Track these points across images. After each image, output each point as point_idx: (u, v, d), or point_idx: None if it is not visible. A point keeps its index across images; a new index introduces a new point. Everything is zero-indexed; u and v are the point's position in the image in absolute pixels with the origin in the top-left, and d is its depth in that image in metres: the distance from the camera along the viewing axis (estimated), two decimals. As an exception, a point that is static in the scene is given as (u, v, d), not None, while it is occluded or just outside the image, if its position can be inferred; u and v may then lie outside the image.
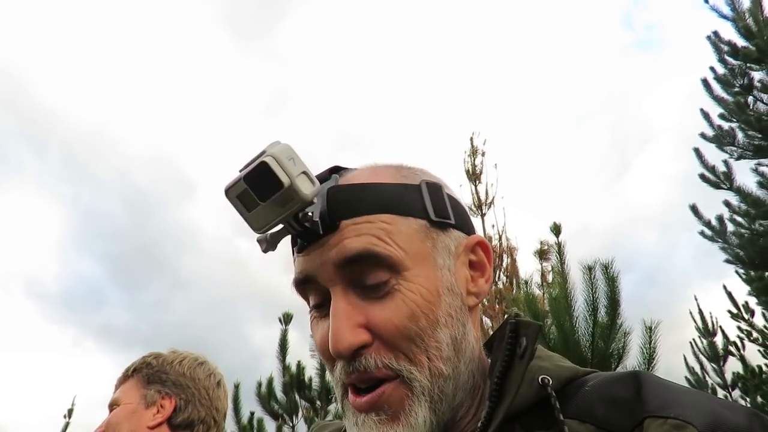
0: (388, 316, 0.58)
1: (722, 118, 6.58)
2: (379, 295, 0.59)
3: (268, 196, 0.57)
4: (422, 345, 0.58)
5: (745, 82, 6.41)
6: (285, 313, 6.92)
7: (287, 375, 6.72)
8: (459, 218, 0.66)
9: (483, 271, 0.67)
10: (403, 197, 0.62)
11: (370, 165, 0.68)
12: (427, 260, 0.61)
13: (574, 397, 0.59)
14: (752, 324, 8.03)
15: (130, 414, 1.52)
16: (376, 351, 0.58)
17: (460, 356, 0.61)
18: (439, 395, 0.58)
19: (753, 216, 6.00)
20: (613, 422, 0.54)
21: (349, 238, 0.58)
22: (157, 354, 1.63)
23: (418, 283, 0.59)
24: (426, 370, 0.58)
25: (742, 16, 6.41)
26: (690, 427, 0.49)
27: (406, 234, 0.60)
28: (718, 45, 6.60)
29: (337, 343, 0.57)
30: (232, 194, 0.60)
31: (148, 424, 1.51)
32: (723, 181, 6.28)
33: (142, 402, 1.54)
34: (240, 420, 6.58)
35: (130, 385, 1.58)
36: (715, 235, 6.27)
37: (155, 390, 1.55)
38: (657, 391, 0.54)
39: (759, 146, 6.31)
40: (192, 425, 1.55)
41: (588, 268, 3.69)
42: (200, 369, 1.62)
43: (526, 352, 0.60)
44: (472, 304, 0.65)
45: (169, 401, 1.54)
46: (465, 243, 0.66)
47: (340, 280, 0.59)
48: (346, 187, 0.61)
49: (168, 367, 1.59)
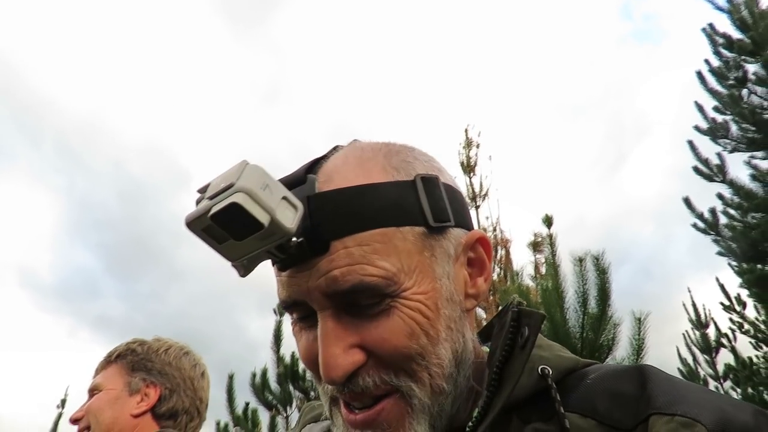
0: (385, 336, 0.54)
1: (716, 111, 6.58)
2: (373, 312, 0.54)
3: (244, 236, 0.49)
4: (423, 363, 0.55)
5: (740, 74, 6.41)
6: (279, 304, 6.93)
7: (281, 366, 6.73)
8: (458, 215, 0.60)
9: (482, 269, 0.63)
10: (398, 203, 0.55)
11: (354, 148, 0.61)
12: (425, 273, 0.56)
13: (575, 389, 0.57)
14: (744, 316, 8.09)
15: (113, 401, 1.49)
16: (374, 368, 0.54)
17: (460, 369, 0.58)
18: (438, 412, 0.56)
19: (745, 208, 6.02)
20: (616, 418, 0.52)
21: (339, 267, 0.52)
22: (142, 341, 1.61)
23: (416, 299, 0.55)
24: (428, 387, 0.55)
25: (738, 8, 6.40)
26: (699, 425, 0.47)
27: (402, 250, 0.55)
28: (713, 37, 6.59)
29: (330, 371, 0.53)
30: (195, 227, 0.51)
31: (132, 412, 1.48)
32: (716, 174, 6.30)
33: (126, 389, 1.51)
34: (234, 410, 6.60)
35: (113, 370, 1.55)
36: (707, 228, 6.29)
37: (140, 378, 1.53)
38: (663, 387, 0.52)
39: (752, 139, 6.32)
40: (176, 415, 1.53)
41: (579, 260, 3.71)
42: (186, 359, 1.60)
43: (528, 342, 0.57)
44: (470, 306, 0.61)
45: (154, 390, 1.52)
46: (465, 241, 0.61)
47: (330, 306, 0.55)
48: (331, 196, 0.54)
49: (153, 355, 1.57)
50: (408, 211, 0.56)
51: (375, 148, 0.61)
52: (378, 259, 0.53)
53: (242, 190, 0.48)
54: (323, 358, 0.53)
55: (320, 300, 0.54)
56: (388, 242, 0.54)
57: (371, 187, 0.55)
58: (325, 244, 0.53)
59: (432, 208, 0.57)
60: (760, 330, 7.82)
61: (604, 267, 3.69)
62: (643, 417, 0.50)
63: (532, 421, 0.55)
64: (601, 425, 0.52)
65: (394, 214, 0.55)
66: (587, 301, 3.69)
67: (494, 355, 0.59)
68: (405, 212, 0.56)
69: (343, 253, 0.53)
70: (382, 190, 0.55)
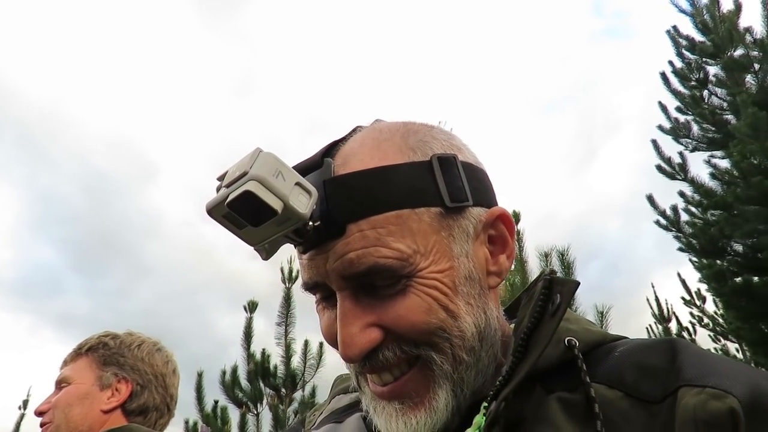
0: (402, 314, 0.55)
1: (679, 111, 6.78)
2: (390, 293, 0.55)
3: (260, 222, 0.51)
4: (444, 335, 0.55)
5: (701, 76, 6.62)
6: (250, 301, 6.87)
7: (252, 363, 6.68)
8: (477, 193, 0.60)
9: (504, 246, 0.63)
10: (414, 185, 0.56)
11: (373, 130, 0.62)
12: (442, 252, 0.56)
13: (603, 361, 0.56)
14: (703, 310, 8.37)
15: (83, 396, 1.45)
16: (393, 342, 0.56)
17: (483, 344, 0.58)
18: (460, 381, 0.56)
19: (705, 206, 6.22)
20: (644, 390, 0.51)
21: (355, 250, 0.54)
22: (114, 335, 1.57)
23: (433, 278, 0.55)
24: (449, 356, 0.56)
25: (700, 11, 6.59)
26: (730, 397, 0.46)
27: (417, 231, 0.55)
28: (676, 39, 6.78)
29: (347, 350, 0.54)
30: (216, 214, 0.53)
31: (102, 408, 1.45)
32: (678, 172, 6.49)
33: (97, 384, 1.47)
34: (203, 408, 6.52)
35: (83, 363, 1.50)
36: (669, 225, 6.48)
37: (111, 372, 1.49)
38: (693, 360, 0.51)
39: (712, 139, 6.53)
40: (146, 411, 1.50)
41: (545, 255, 3.79)
42: (158, 355, 1.57)
43: (559, 310, 0.56)
44: (492, 284, 0.61)
45: (125, 385, 1.48)
46: (485, 219, 0.61)
47: (348, 286, 0.56)
48: (346, 179, 0.55)
49: (126, 350, 1.53)
50: (424, 192, 0.56)
51: (393, 129, 0.61)
52: (393, 242, 0.54)
53: (255, 178, 0.49)
54: (341, 337, 0.55)
55: (338, 281, 0.56)
56: (403, 224, 0.55)
57: (386, 170, 0.56)
58: (341, 227, 0.54)
59: (449, 189, 0.57)
60: (719, 324, 8.10)
61: (570, 262, 3.78)
62: (672, 389, 0.49)
63: (557, 391, 0.55)
64: (629, 397, 0.51)
65: (409, 196, 0.55)
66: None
67: (522, 322, 0.59)
68: (420, 193, 0.56)
69: (358, 236, 0.54)
70: (398, 172, 0.56)
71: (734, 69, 6.19)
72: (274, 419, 6.42)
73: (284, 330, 6.65)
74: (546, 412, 0.54)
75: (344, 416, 0.72)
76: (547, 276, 0.61)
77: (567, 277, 0.61)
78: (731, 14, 6.31)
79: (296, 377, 6.64)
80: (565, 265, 3.80)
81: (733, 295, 5.92)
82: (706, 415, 0.46)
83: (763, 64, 6.08)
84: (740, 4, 6.31)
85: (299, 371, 6.64)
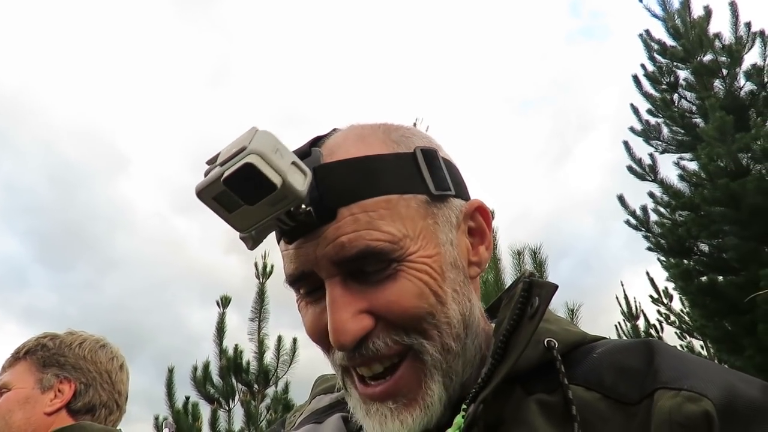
0: (394, 299, 0.55)
1: (650, 114, 6.94)
2: (380, 278, 0.55)
3: (257, 199, 0.50)
4: (433, 321, 0.56)
5: (672, 79, 6.77)
6: (223, 296, 6.80)
7: (224, 359, 6.62)
8: (457, 185, 0.62)
9: (483, 237, 0.64)
10: (400, 172, 0.57)
11: (353, 128, 0.63)
12: (429, 238, 0.57)
13: (581, 363, 0.57)
14: (670, 308, 8.59)
15: (23, 401, 1.42)
16: (384, 331, 0.55)
17: (468, 332, 0.59)
18: (449, 370, 0.57)
19: (673, 207, 6.38)
20: (622, 392, 0.51)
21: (346, 233, 0.54)
22: (54, 335, 1.54)
23: (423, 262, 0.56)
24: (438, 344, 0.56)
25: (672, 16, 6.75)
26: (705, 399, 0.47)
27: (406, 216, 0.56)
28: (648, 43, 6.92)
29: (340, 336, 0.54)
30: (206, 195, 0.51)
31: (45, 410, 1.42)
32: (648, 173, 6.63)
33: (38, 387, 1.44)
34: (174, 404, 6.43)
35: (22, 367, 1.47)
36: (639, 224, 6.63)
37: (52, 374, 1.45)
38: (670, 362, 0.52)
39: (681, 141, 6.70)
40: (93, 409, 1.48)
41: (518, 253, 3.84)
42: (102, 352, 1.54)
43: (537, 313, 0.57)
44: (474, 274, 0.62)
45: (68, 385, 1.45)
46: (464, 210, 0.62)
47: (338, 272, 0.55)
48: (336, 166, 0.56)
49: (66, 349, 1.50)
50: (409, 179, 0.57)
51: (374, 126, 0.63)
52: (384, 225, 0.54)
53: (255, 152, 0.49)
54: (332, 324, 0.54)
55: (328, 268, 0.55)
56: (393, 208, 0.55)
57: (373, 158, 0.57)
58: (332, 211, 0.54)
59: (433, 178, 0.59)
60: (685, 321, 8.33)
61: (542, 260, 3.84)
62: (649, 391, 0.50)
63: (536, 392, 0.55)
64: (606, 398, 0.52)
65: (397, 182, 0.56)
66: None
67: (501, 324, 0.59)
68: (407, 181, 0.57)
69: (349, 219, 0.54)
70: (384, 161, 0.57)
71: (703, 74, 6.35)
72: (246, 415, 6.37)
73: (257, 325, 6.60)
74: (525, 414, 0.54)
75: (324, 417, 0.72)
76: (527, 279, 0.61)
77: (547, 280, 0.61)
78: (701, 20, 6.47)
79: (269, 373, 6.60)
80: (537, 263, 3.86)
81: (699, 293, 6.09)
82: (681, 418, 0.47)
83: (731, 69, 6.26)
84: (710, 11, 6.48)
85: (272, 367, 6.60)
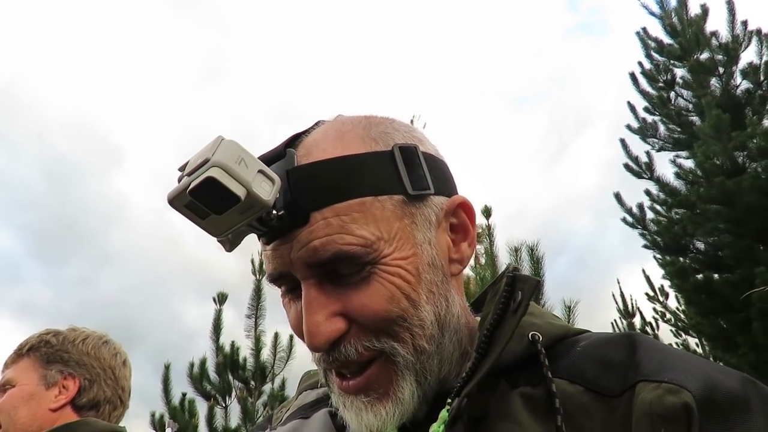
0: (366, 302, 0.55)
1: (647, 111, 6.95)
2: (355, 280, 0.56)
3: (223, 209, 0.51)
4: (405, 324, 0.56)
5: (669, 77, 6.79)
6: (219, 293, 6.78)
7: (221, 355, 6.61)
8: (438, 182, 0.61)
9: (465, 234, 0.64)
10: (376, 172, 0.57)
11: (334, 123, 0.62)
12: (405, 239, 0.57)
13: (565, 356, 0.57)
14: (666, 306, 8.63)
15: (28, 397, 1.42)
16: (355, 336, 0.56)
17: (444, 331, 0.59)
18: (422, 370, 0.57)
19: (670, 204, 6.40)
20: (604, 384, 0.52)
21: (319, 237, 0.54)
22: (57, 331, 1.54)
23: (396, 265, 0.56)
24: (410, 346, 0.56)
25: (669, 14, 6.76)
26: (684, 391, 0.48)
27: (381, 218, 0.56)
28: (645, 41, 6.93)
29: (313, 338, 0.55)
30: (178, 204, 0.52)
31: (50, 407, 1.42)
32: (645, 171, 6.65)
33: (42, 383, 1.44)
34: (170, 401, 6.42)
35: (25, 364, 1.48)
36: (635, 222, 6.65)
37: (56, 370, 1.46)
38: (651, 355, 0.53)
39: (678, 139, 6.72)
40: (98, 405, 1.48)
41: (515, 250, 3.84)
42: (105, 348, 1.54)
43: (520, 307, 0.57)
44: (455, 272, 0.62)
45: (72, 382, 1.46)
46: (446, 207, 0.62)
47: (313, 275, 0.56)
48: (309, 168, 0.56)
49: (70, 345, 1.50)
50: (386, 180, 0.57)
51: (355, 121, 0.62)
52: (356, 228, 0.54)
53: (217, 165, 0.49)
54: (306, 326, 0.55)
55: (303, 270, 0.56)
56: (367, 211, 0.55)
57: (349, 159, 0.56)
58: (305, 215, 0.54)
59: (410, 177, 0.58)
60: (680, 319, 8.37)
61: (539, 257, 3.85)
62: (631, 383, 0.51)
63: (520, 386, 0.56)
64: (589, 391, 0.53)
65: (372, 184, 0.56)
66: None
67: (485, 319, 0.59)
68: (383, 181, 0.57)
69: (322, 223, 0.54)
70: (360, 161, 0.56)
71: (700, 72, 6.37)
72: (242, 412, 6.37)
73: (254, 322, 6.59)
74: (508, 408, 0.55)
75: (311, 412, 0.72)
76: (510, 273, 0.61)
77: (529, 275, 0.62)
78: (698, 18, 6.48)
79: (266, 370, 6.59)
80: (534, 261, 3.86)
81: (694, 291, 6.12)
82: (662, 410, 0.48)
83: (727, 67, 6.28)
84: (707, 9, 6.50)
85: (269, 364, 6.60)
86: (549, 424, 0.52)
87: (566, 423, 0.51)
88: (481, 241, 6.55)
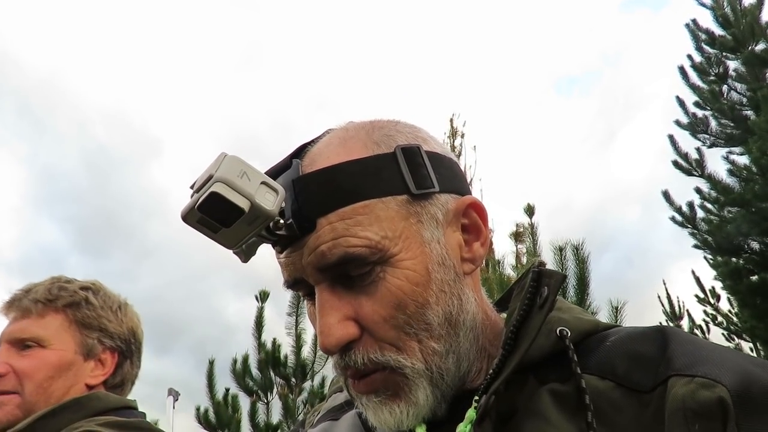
0: (375, 308, 0.56)
1: (697, 106, 6.68)
2: (365, 283, 0.57)
3: (230, 222, 0.54)
4: (411, 331, 0.56)
5: (721, 70, 6.50)
6: (261, 291, 6.90)
7: (262, 352, 6.73)
8: (445, 180, 0.61)
9: (478, 233, 0.63)
10: (379, 174, 0.58)
11: (339, 131, 0.64)
12: (412, 239, 0.58)
13: (595, 351, 0.57)
14: (717, 308, 8.27)
15: (67, 366, 1.15)
16: (365, 345, 0.57)
17: (457, 330, 0.59)
18: (438, 372, 0.57)
19: (722, 203, 6.14)
20: (635, 380, 0.52)
21: (325, 242, 0.55)
22: (96, 287, 1.27)
23: (404, 266, 0.57)
24: (417, 353, 0.57)
25: (721, 5, 6.47)
26: (719, 386, 0.46)
27: (385, 219, 0.57)
28: (695, 33, 6.67)
29: (325, 340, 0.56)
30: (191, 220, 0.55)
31: (88, 382, 1.18)
32: (695, 168, 6.40)
33: (81, 352, 1.18)
34: (214, 396, 6.59)
35: (57, 321, 1.18)
36: (685, 221, 6.41)
37: (97, 339, 1.21)
38: (684, 349, 0.52)
39: (731, 135, 6.43)
40: (123, 385, 1.27)
41: (559, 249, 3.76)
42: (137, 319, 1.33)
43: (546, 302, 0.57)
44: (467, 270, 0.62)
45: (111, 357, 1.22)
46: (455, 207, 0.62)
47: (324, 279, 0.58)
48: (313, 177, 0.57)
49: (111, 313, 1.25)
50: (389, 181, 0.58)
51: (359, 127, 0.63)
52: (361, 230, 0.55)
53: (219, 180, 0.52)
54: (319, 328, 0.57)
55: (314, 275, 0.57)
56: (371, 213, 0.56)
57: (351, 164, 0.57)
58: (311, 222, 0.56)
59: (413, 176, 0.59)
60: (733, 322, 8.01)
61: (584, 257, 3.75)
62: (662, 378, 0.50)
63: (549, 382, 0.56)
64: (620, 387, 0.52)
65: (375, 186, 0.57)
66: (566, 289, 3.74)
67: (512, 315, 0.60)
68: (386, 183, 0.58)
69: (328, 228, 0.56)
70: (363, 165, 0.58)
71: (755, 64, 6.08)
72: (284, 408, 6.47)
73: (294, 320, 6.68)
74: (537, 404, 0.54)
75: (340, 414, 0.74)
76: (536, 268, 0.61)
77: (554, 270, 0.61)
78: (753, 8, 6.19)
79: (306, 367, 6.68)
80: (580, 260, 3.76)
81: (749, 293, 5.86)
82: (695, 405, 0.47)
83: (785, 59, 5.97)
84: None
85: (309, 361, 6.67)
86: (579, 420, 0.51)
87: (597, 419, 0.50)
88: (524, 240, 6.45)
